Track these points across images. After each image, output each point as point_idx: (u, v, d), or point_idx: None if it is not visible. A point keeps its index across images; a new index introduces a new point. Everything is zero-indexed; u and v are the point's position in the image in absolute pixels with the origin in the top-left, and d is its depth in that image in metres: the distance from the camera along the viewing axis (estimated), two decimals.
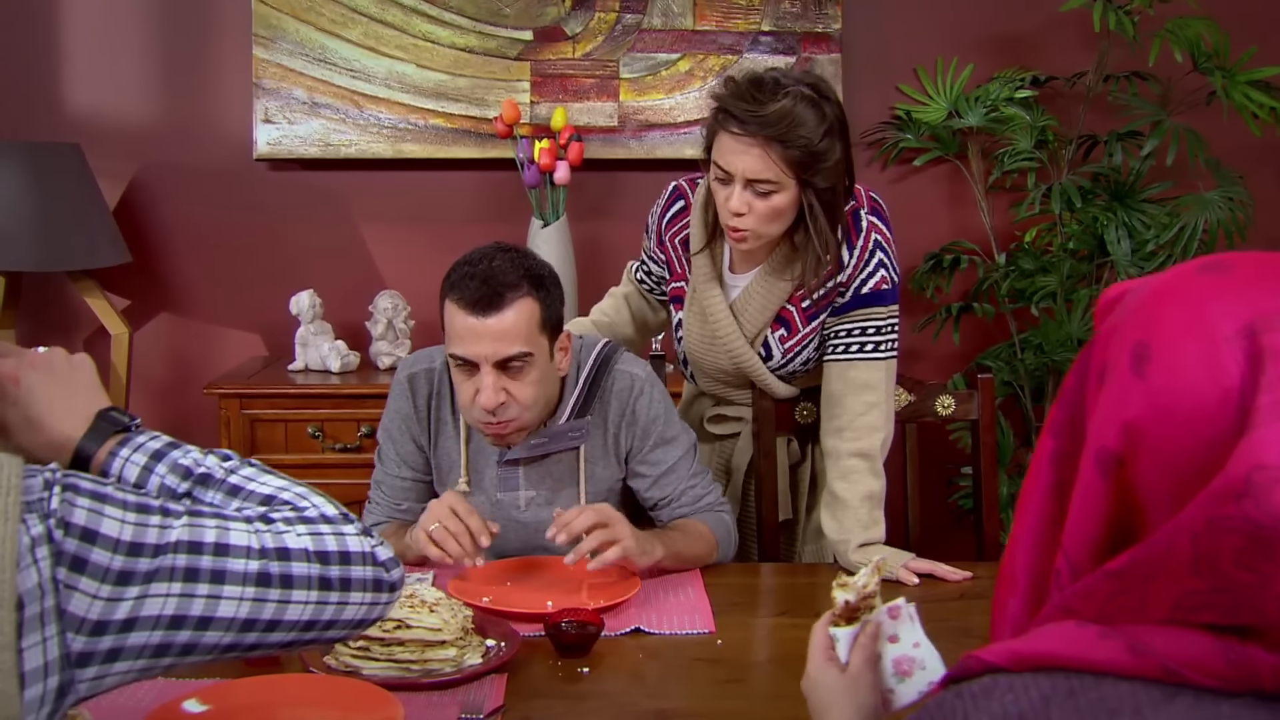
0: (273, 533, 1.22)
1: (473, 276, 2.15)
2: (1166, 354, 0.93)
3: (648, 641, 2.02)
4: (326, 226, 3.91)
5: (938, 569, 2.30)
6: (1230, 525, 0.87)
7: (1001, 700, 0.95)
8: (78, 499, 1.10)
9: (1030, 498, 1.05)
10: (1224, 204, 3.51)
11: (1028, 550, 1.05)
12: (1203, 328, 0.93)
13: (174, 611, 1.13)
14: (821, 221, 2.29)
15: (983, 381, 2.68)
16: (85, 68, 3.82)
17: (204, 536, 1.16)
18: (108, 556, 1.09)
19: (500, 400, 2.15)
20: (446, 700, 1.77)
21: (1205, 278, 0.97)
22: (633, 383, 2.35)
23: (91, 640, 1.08)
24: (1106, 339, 0.99)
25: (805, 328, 2.46)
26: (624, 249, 3.70)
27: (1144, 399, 0.93)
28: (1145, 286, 1.00)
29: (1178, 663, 0.91)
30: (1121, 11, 3.43)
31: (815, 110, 2.22)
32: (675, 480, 2.37)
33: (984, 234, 3.84)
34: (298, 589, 1.21)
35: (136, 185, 3.86)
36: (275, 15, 3.72)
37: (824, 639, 1.42)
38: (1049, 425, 1.04)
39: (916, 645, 1.40)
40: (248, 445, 3.41)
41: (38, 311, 3.89)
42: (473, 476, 2.34)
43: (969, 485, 3.66)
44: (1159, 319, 0.95)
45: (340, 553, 1.25)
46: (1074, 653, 0.95)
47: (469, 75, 3.79)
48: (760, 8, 3.79)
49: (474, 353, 2.14)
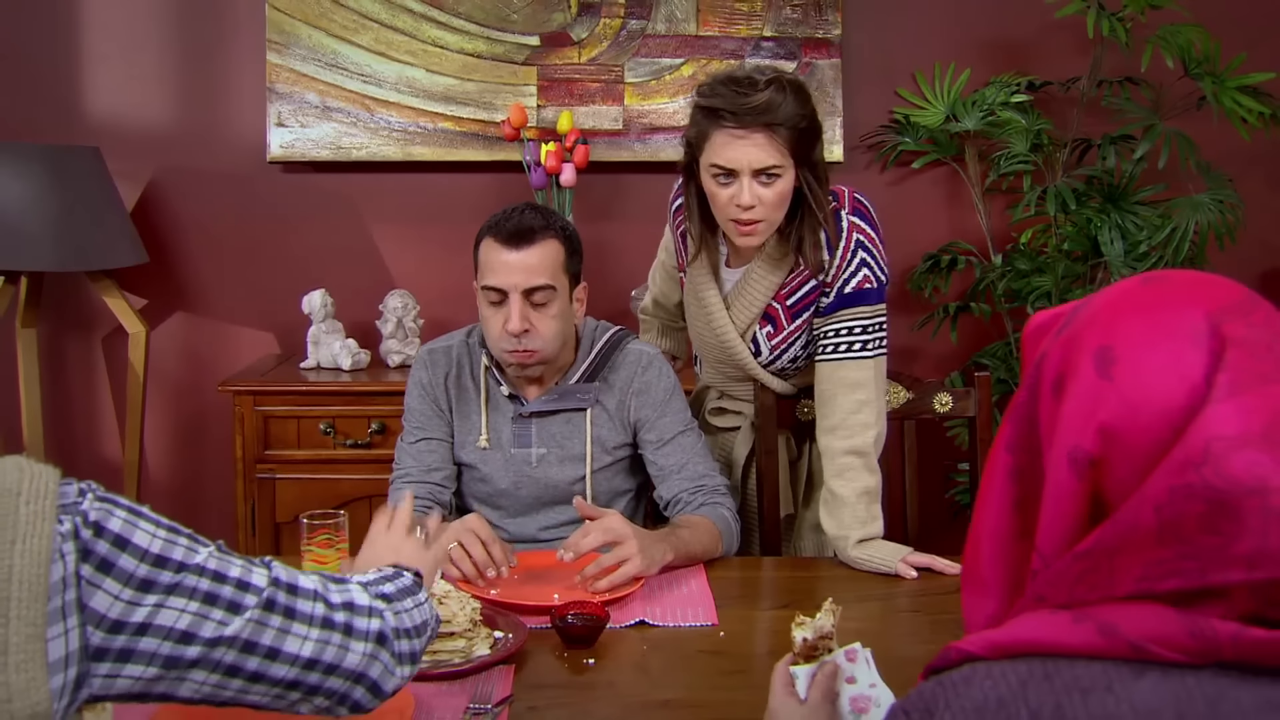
0: (286, 571, 1.30)
1: (509, 218, 2.40)
2: (1131, 354, 0.99)
3: (652, 633, 2.04)
4: (338, 227, 3.94)
5: (935, 562, 2.33)
6: (1192, 493, 0.93)
7: (981, 686, 1.00)
8: (115, 510, 1.17)
9: (990, 510, 1.10)
10: (1214, 206, 3.53)
11: (995, 563, 1.09)
12: (1163, 327, 0.99)
13: (187, 627, 1.19)
14: (819, 195, 2.36)
15: (980, 379, 2.70)
16: (104, 73, 3.86)
17: (229, 571, 1.24)
18: (134, 564, 1.16)
19: (524, 328, 2.36)
20: (455, 690, 1.79)
21: (1152, 287, 1.03)
22: (642, 357, 2.54)
23: (109, 637, 1.15)
24: (1060, 352, 1.04)
25: (790, 325, 2.50)
26: (629, 250, 3.76)
27: (1115, 398, 0.98)
28: (1086, 305, 1.06)
29: (1145, 640, 0.96)
30: (1114, 18, 3.44)
31: (795, 92, 2.30)
32: (679, 452, 2.48)
33: (981, 235, 3.86)
34: (299, 622, 1.27)
35: (154, 187, 3.90)
36: (288, 21, 3.77)
37: (784, 676, 1.48)
38: (1003, 441, 1.09)
39: (873, 686, 1.47)
40: (261, 441, 3.45)
41: (58, 310, 3.93)
42: (491, 435, 2.50)
43: (966, 481, 3.71)
44: (1117, 324, 1.01)
45: (345, 602, 1.33)
46: (1048, 638, 1.00)
47: (477, 80, 3.83)
48: (762, 13, 3.82)
49: (505, 282, 2.37)
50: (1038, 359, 1.06)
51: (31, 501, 1.11)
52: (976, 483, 2.72)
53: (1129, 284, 1.05)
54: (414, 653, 1.39)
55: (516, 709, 1.75)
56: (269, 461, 3.46)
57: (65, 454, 3.97)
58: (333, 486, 3.44)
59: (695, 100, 2.36)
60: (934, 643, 2.03)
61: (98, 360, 3.98)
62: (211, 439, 3.98)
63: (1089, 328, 1.03)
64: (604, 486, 2.52)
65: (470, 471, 2.53)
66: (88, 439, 4.01)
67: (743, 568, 2.44)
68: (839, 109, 3.84)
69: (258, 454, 3.46)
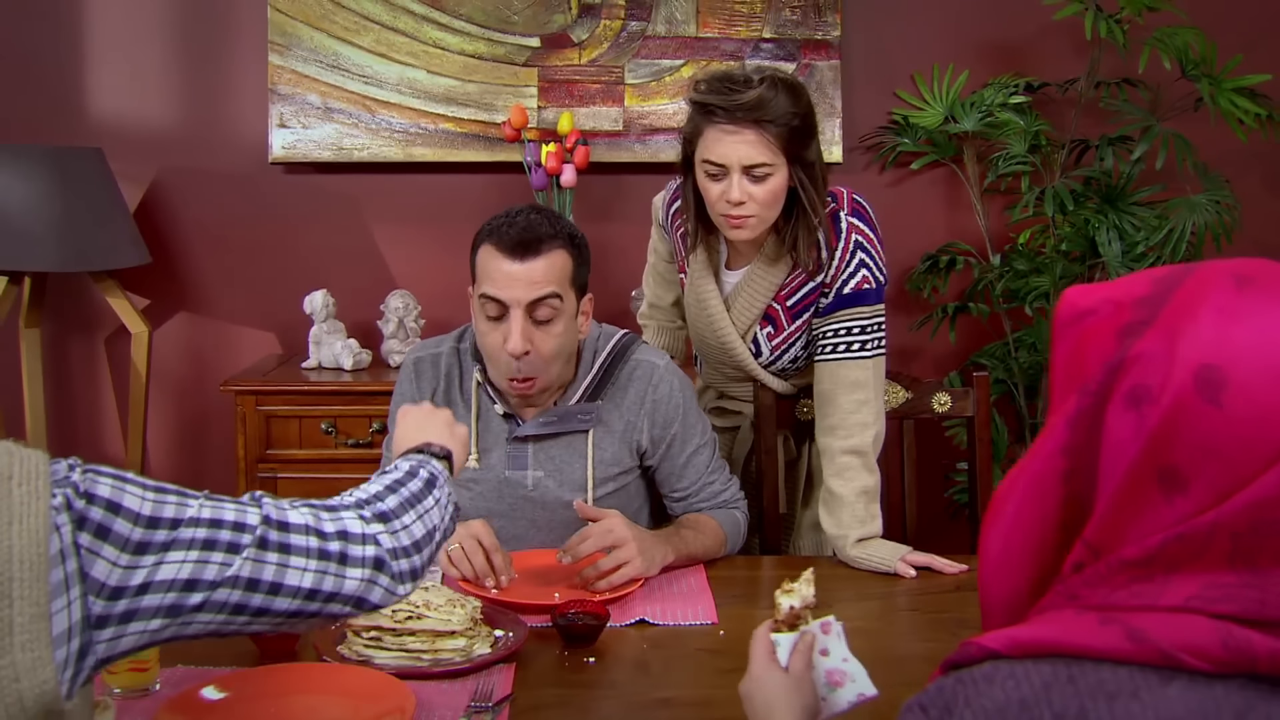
0: (275, 508, 1.31)
1: (512, 225, 2.22)
2: (1245, 381, 0.92)
3: (652, 632, 2.04)
4: (339, 228, 3.95)
5: (934, 561, 2.34)
6: (1274, 530, 0.91)
7: (1003, 686, 0.97)
8: (100, 478, 1.19)
9: (1031, 506, 1.04)
10: (1211, 207, 3.54)
11: (1026, 557, 1.05)
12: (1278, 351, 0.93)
13: (189, 576, 1.20)
14: (813, 195, 2.36)
15: (978, 379, 2.71)
16: (108, 75, 3.87)
17: (224, 516, 1.25)
18: (129, 527, 1.17)
19: (526, 348, 2.19)
20: (457, 689, 1.79)
21: (1252, 296, 0.96)
22: (653, 372, 2.38)
23: (109, 604, 1.15)
24: (1144, 362, 0.97)
25: (790, 326, 2.51)
26: (629, 250, 3.77)
27: (1225, 430, 0.92)
28: (1163, 299, 0.99)
29: (1175, 648, 0.93)
30: (1112, 20, 3.45)
31: (789, 90, 2.31)
32: (694, 473, 2.41)
33: (979, 236, 3.87)
34: (295, 555, 1.28)
35: (156, 188, 3.92)
36: (290, 23, 3.78)
37: (766, 644, 1.47)
38: (1058, 444, 1.02)
39: (845, 660, 1.48)
40: (263, 441, 3.46)
41: (61, 310, 3.95)
42: (481, 455, 2.36)
43: (964, 480, 3.72)
44: (1225, 341, 0.94)
45: (338, 531, 1.33)
46: (1073, 639, 0.97)
47: (478, 81, 3.84)
48: (762, 15, 3.83)
49: (507, 295, 2.19)
50: (1110, 364, 1.00)
51: (24, 483, 1.12)
52: (975, 482, 2.73)
53: (1220, 283, 0.98)
54: (414, 570, 1.40)
55: (517, 707, 1.75)
56: (271, 461, 3.48)
57: (68, 453, 3.89)
58: (334, 486, 3.37)
59: (690, 96, 2.38)
60: (933, 641, 2.06)
61: (100, 360, 4.00)
62: (214, 438, 4.00)
63: (1182, 336, 0.96)
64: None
65: (459, 492, 2.35)
66: (90, 438, 4.02)
67: (742, 567, 2.44)
68: (838, 110, 3.86)
69: (259, 453, 3.47)
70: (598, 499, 2.37)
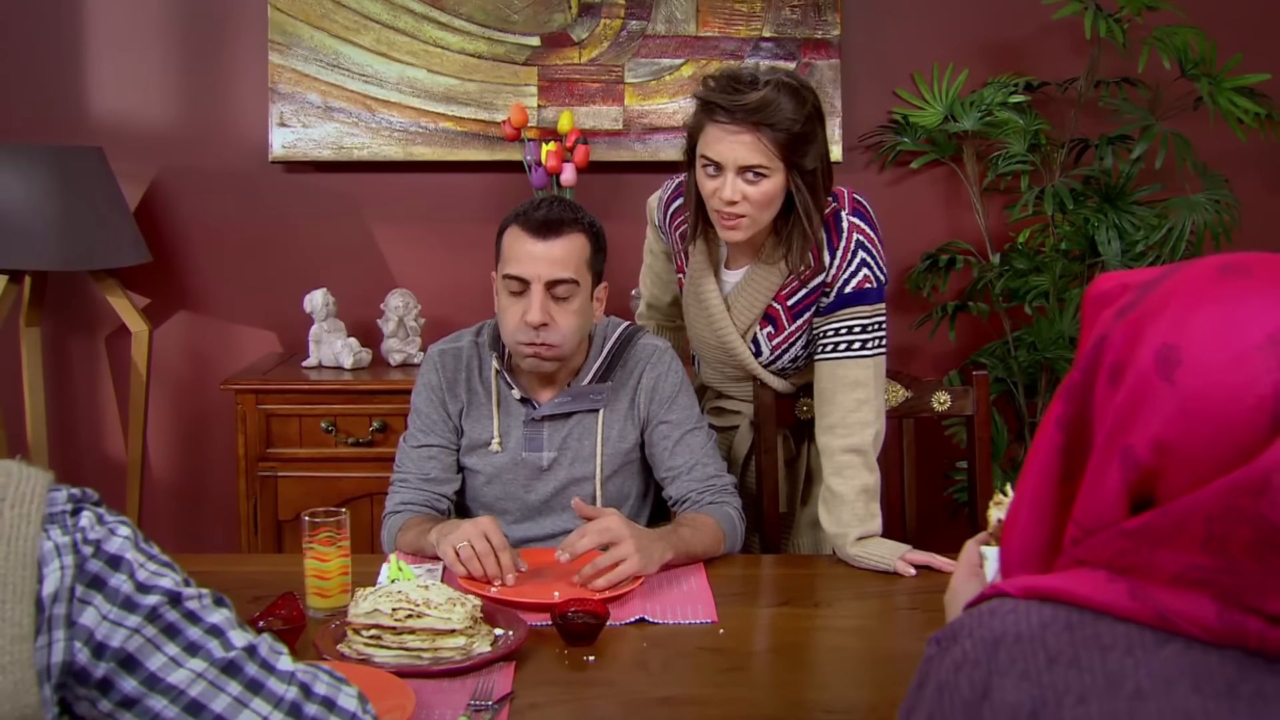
0: (269, 649, 1.24)
1: (537, 208, 2.40)
2: (1198, 360, 0.93)
3: (652, 631, 2.05)
4: (339, 227, 3.96)
5: (934, 560, 2.34)
6: (1244, 517, 0.91)
7: (1003, 619, 1.01)
8: (113, 537, 1.16)
9: (1033, 479, 1.07)
10: (1211, 206, 3.54)
11: (1032, 530, 1.07)
12: (1233, 334, 0.93)
13: (134, 651, 1.14)
14: (808, 200, 2.36)
15: (978, 378, 2.72)
16: (108, 74, 3.87)
17: (207, 616, 1.19)
18: (123, 580, 1.15)
19: (544, 320, 2.34)
20: (456, 687, 1.80)
21: (1229, 281, 0.97)
22: (654, 353, 2.53)
23: (93, 662, 1.13)
24: (1122, 338, 1.00)
25: (791, 325, 2.52)
26: (629, 249, 3.75)
27: (1173, 406, 0.94)
28: (1157, 283, 1.01)
29: (1173, 612, 0.95)
30: (1112, 19, 3.45)
31: (794, 95, 2.31)
32: (688, 452, 2.46)
33: (979, 235, 3.87)
34: (261, 699, 1.20)
35: (156, 187, 3.92)
36: (290, 22, 3.79)
37: (973, 555, 1.42)
38: (1056, 419, 1.05)
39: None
40: (263, 439, 3.47)
41: (61, 309, 3.95)
42: (502, 439, 2.48)
43: (964, 479, 3.72)
44: (1185, 322, 0.95)
45: (326, 698, 1.25)
46: (1078, 590, 1.00)
47: (478, 80, 3.84)
48: (761, 14, 3.84)
49: (528, 272, 2.35)
50: (1097, 339, 1.02)
51: (16, 505, 1.11)
52: (975, 481, 2.73)
53: (1206, 270, 0.99)
54: None
55: (517, 706, 1.76)
56: (271, 460, 3.48)
57: (69, 452, 3.99)
58: (334, 484, 3.46)
59: (697, 91, 2.39)
60: None
61: (101, 359, 4.00)
62: (214, 437, 4.00)
63: (1155, 317, 0.98)
64: (613, 490, 2.51)
65: (477, 475, 2.51)
66: (91, 437, 4.02)
67: (742, 565, 2.45)
68: (838, 109, 3.86)
69: (260, 452, 3.48)
70: (607, 477, 2.49)
